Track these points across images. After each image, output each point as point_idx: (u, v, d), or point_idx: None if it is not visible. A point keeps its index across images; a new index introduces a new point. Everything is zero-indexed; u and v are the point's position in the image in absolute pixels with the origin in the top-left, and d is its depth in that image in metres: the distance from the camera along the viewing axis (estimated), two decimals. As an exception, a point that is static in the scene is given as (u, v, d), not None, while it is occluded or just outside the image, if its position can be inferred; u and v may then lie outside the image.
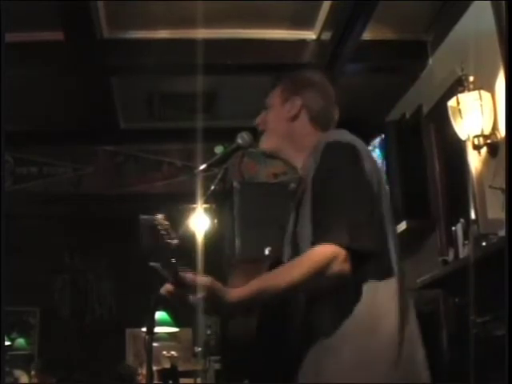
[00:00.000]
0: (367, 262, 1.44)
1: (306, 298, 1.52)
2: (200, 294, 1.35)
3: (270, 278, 1.43)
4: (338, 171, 1.51)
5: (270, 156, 1.79)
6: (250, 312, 1.50)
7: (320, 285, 1.44)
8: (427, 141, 4.36)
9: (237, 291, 1.39)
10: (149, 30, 4.16)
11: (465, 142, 3.54)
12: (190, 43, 4.00)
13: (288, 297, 1.50)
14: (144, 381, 5.31)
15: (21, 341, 6.76)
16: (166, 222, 1.38)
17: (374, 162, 1.61)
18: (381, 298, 1.46)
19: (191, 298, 1.36)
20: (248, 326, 1.53)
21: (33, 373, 5.97)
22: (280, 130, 1.74)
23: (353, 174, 1.51)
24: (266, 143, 1.76)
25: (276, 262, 1.60)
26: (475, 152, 3.44)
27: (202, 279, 1.37)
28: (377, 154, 4.48)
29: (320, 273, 1.39)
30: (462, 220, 3.50)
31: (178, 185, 5.51)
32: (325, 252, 1.40)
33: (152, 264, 1.31)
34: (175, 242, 1.41)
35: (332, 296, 1.47)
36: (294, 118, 1.73)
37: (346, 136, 1.62)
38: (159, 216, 1.38)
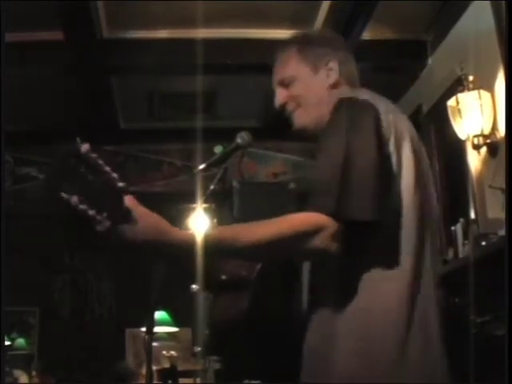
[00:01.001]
0: (365, 243, 1.27)
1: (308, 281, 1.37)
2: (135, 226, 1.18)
3: (233, 231, 1.26)
4: (341, 128, 1.32)
5: (311, 131, 1.54)
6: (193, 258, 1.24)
7: (295, 255, 1.31)
8: (427, 140, 4.36)
9: (185, 234, 1.21)
10: (149, 30, 4.16)
11: (464, 141, 3.54)
12: (190, 43, 4.00)
13: (251, 259, 1.35)
14: (144, 380, 5.31)
15: (21, 341, 6.75)
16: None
17: (401, 133, 1.36)
18: (382, 293, 1.28)
19: (122, 228, 1.18)
20: (237, 308, 1.42)
21: (34, 373, 5.97)
22: (322, 100, 1.51)
23: (359, 135, 1.30)
24: (306, 118, 1.54)
25: None
26: (475, 152, 3.44)
27: (148, 212, 1.23)
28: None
29: (295, 242, 1.24)
30: (461, 220, 3.51)
31: (177, 185, 5.51)
32: (308, 219, 1.24)
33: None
34: (121, 184, 1.24)
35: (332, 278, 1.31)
36: (335, 84, 1.53)
37: (366, 93, 1.44)
38: (86, 145, 1.16)
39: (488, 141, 3.35)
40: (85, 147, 1.17)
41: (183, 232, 1.23)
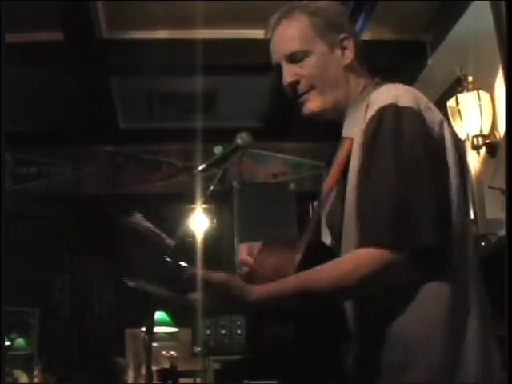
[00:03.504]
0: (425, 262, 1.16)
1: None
2: (210, 293, 1.14)
3: (308, 276, 1.16)
4: (388, 145, 1.19)
5: (326, 117, 1.42)
6: (280, 314, 1.20)
7: (363, 294, 1.20)
8: (427, 141, 4.36)
9: (261, 288, 1.15)
10: (149, 30, 4.16)
11: (464, 141, 3.55)
12: (190, 43, 4.00)
13: (323, 305, 1.21)
14: (144, 380, 5.31)
15: (20, 341, 6.77)
16: (148, 223, 1.24)
17: (442, 133, 1.25)
18: (427, 305, 1.19)
19: (198, 297, 1.15)
20: (285, 326, 1.28)
21: (35, 373, 5.98)
22: (338, 81, 1.38)
23: (414, 150, 1.18)
24: (318, 102, 1.39)
25: (314, 244, 1.29)
26: (474, 152, 3.44)
27: (215, 275, 1.15)
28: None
29: (361, 284, 1.15)
30: (461, 220, 3.50)
31: (177, 185, 5.51)
32: (369, 260, 1.15)
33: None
34: (171, 241, 1.27)
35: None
36: (351, 63, 1.40)
37: (403, 95, 1.26)
38: (138, 215, 1.23)
39: (487, 141, 3.35)
40: (137, 218, 1.20)
41: (258, 289, 1.17)
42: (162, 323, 5.47)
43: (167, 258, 1.18)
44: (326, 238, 1.40)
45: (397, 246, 1.14)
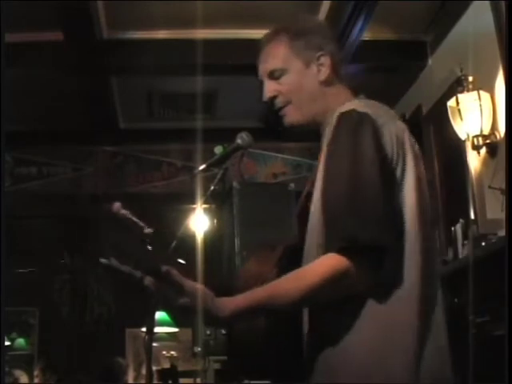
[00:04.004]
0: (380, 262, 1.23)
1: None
2: (185, 300, 1.21)
3: (270, 292, 1.24)
4: (343, 150, 1.29)
5: (304, 128, 1.52)
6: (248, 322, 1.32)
7: (332, 298, 1.26)
8: (427, 141, 4.36)
9: (232, 303, 1.22)
10: (148, 30, 4.16)
11: (464, 142, 3.55)
12: (190, 43, 4.00)
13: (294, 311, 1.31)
14: (144, 380, 5.31)
15: (20, 341, 6.77)
16: (126, 211, 1.30)
17: (403, 145, 1.33)
18: (391, 308, 1.26)
19: (177, 300, 1.22)
20: (257, 326, 1.37)
21: (35, 373, 5.99)
22: (313, 96, 1.48)
23: (361, 155, 1.26)
24: (298, 114, 1.49)
25: (291, 249, 1.40)
26: (474, 152, 3.44)
27: (186, 284, 1.21)
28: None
29: (328, 289, 1.22)
30: (461, 220, 3.51)
31: (177, 185, 5.51)
32: (333, 266, 1.22)
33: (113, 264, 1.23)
34: (148, 230, 1.30)
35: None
36: (327, 79, 1.49)
37: (366, 105, 1.37)
38: (117, 203, 1.29)
39: (488, 141, 3.35)
40: (116, 206, 1.28)
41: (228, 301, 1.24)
42: (163, 323, 5.47)
43: (148, 247, 1.25)
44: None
45: (353, 249, 1.21)
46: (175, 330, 5.81)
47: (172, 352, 5.81)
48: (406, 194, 1.30)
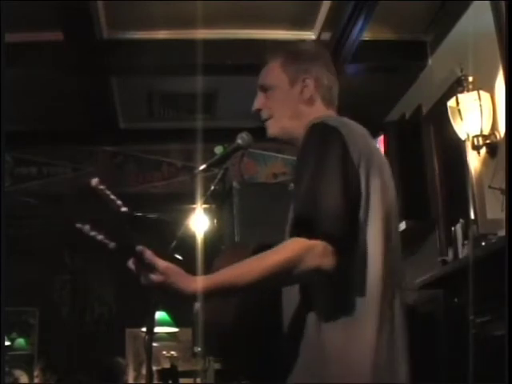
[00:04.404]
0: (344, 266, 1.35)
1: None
2: (153, 277, 1.29)
3: (234, 272, 1.34)
4: (310, 155, 1.42)
5: (283, 141, 1.69)
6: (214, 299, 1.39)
7: (294, 280, 1.38)
8: (427, 141, 4.37)
9: (197, 282, 1.31)
10: (148, 30, 4.16)
11: (464, 142, 3.55)
12: (190, 43, 4.00)
13: (255, 290, 1.41)
14: (144, 380, 5.31)
15: (20, 341, 6.77)
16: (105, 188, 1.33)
17: (366, 154, 1.45)
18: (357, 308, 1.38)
19: (144, 279, 1.31)
20: (226, 314, 1.47)
21: (36, 373, 5.99)
22: (293, 114, 1.62)
23: (327, 161, 1.39)
24: (277, 128, 1.65)
25: (265, 246, 1.51)
26: (474, 152, 3.44)
27: (158, 261, 1.30)
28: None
29: (290, 268, 1.31)
30: (461, 220, 3.51)
31: (177, 185, 5.51)
32: (293, 246, 1.33)
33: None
34: (124, 208, 1.34)
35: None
36: (309, 100, 1.62)
37: (336, 119, 1.52)
38: (96, 179, 1.32)
39: (488, 141, 3.35)
40: (95, 181, 1.32)
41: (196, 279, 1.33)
42: (163, 323, 5.47)
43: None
44: None
45: (314, 236, 1.32)
46: (175, 329, 5.81)
47: (172, 352, 5.81)
48: (371, 199, 1.42)
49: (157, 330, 4.89)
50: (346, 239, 1.35)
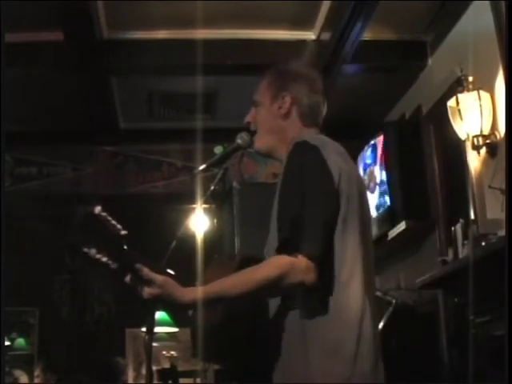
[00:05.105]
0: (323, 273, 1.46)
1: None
2: (152, 290, 1.42)
3: (225, 284, 1.46)
4: (296, 176, 1.51)
5: (265, 155, 1.78)
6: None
7: (280, 293, 1.50)
8: (427, 141, 4.37)
9: (191, 292, 1.44)
10: (149, 30, 4.16)
11: (464, 142, 3.55)
12: (190, 43, 4.00)
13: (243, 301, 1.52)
14: (144, 380, 5.31)
15: (20, 341, 6.76)
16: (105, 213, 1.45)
17: (346, 172, 1.56)
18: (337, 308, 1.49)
19: (144, 292, 1.44)
20: (214, 318, 1.55)
21: (36, 373, 5.98)
22: (272, 129, 1.72)
23: (310, 180, 1.50)
24: (260, 142, 1.75)
25: (249, 259, 1.61)
26: (474, 152, 3.44)
27: (156, 277, 1.43)
28: (376, 154, 4.49)
29: (277, 282, 1.43)
30: (461, 220, 3.51)
31: (177, 185, 5.51)
32: (279, 263, 1.44)
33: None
34: (123, 232, 1.44)
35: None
36: (285, 115, 1.71)
37: (317, 139, 1.61)
38: (99, 206, 1.43)
39: (488, 141, 3.35)
40: (97, 209, 1.43)
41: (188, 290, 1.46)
42: (163, 323, 5.47)
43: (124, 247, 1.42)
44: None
45: (304, 255, 1.43)
46: (175, 329, 5.81)
47: (172, 352, 5.81)
48: (349, 213, 1.52)
49: (157, 329, 4.89)
50: (325, 255, 1.46)
